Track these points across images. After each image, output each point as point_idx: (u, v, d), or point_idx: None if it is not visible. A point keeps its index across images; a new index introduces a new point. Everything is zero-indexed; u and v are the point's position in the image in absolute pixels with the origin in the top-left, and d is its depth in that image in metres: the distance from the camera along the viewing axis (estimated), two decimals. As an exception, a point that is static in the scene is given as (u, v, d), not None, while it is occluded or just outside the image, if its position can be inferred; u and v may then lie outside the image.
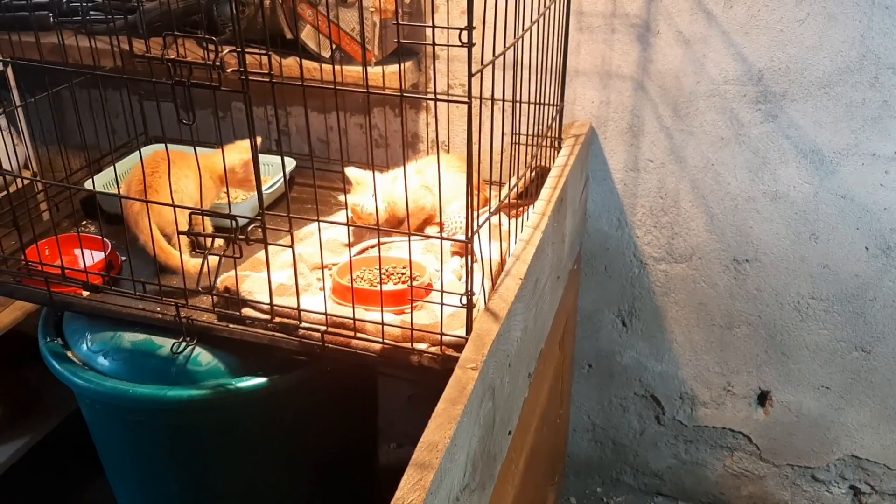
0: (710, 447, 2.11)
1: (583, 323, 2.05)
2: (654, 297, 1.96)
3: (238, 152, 1.50)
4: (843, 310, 1.84)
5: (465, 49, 1.00)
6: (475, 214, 1.17)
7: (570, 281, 1.77)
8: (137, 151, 1.76)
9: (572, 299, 1.90)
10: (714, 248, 1.86)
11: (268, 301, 1.31)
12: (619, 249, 1.93)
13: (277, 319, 1.32)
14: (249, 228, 1.53)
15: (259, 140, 1.53)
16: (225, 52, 1.14)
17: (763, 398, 2.01)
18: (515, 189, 1.50)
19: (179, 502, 1.64)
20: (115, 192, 1.56)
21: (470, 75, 1.03)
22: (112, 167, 1.67)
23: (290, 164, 1.80)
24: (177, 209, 1.31)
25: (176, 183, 1.43)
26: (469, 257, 1.17)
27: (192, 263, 1.41)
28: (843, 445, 2.00)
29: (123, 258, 1.50)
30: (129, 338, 1.43)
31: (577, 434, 2.22)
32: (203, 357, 1.40)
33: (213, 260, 1.43)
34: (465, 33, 0.98)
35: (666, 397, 2.08)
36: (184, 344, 1.39)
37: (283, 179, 1.55)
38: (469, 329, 1.16)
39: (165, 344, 1.40)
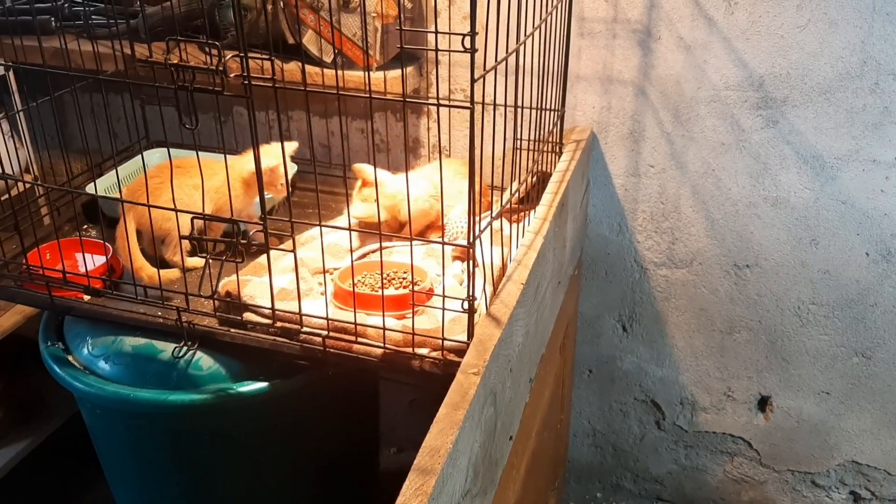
0: (710, 452, 2.11)
1: (583, 328, 2.05)
2: (654, 303, 1.96)
3: (265, 156, 1.49)
4: (844, 315, 1.84)
5: (467, 54, 1.00)
6: (476, 219, 1.17)
7: (571, 286, 1.77)
8: (139, 155, 1.78)
9: (573, 304, 1.90)
10: (715, 254, 1.86)
11: (269, 305, 1.31)
12: (619, 254, 1.93)
13: (279, 324, 1.32)
14: (252, 233, 1.53)
15: (295, 146, 1.53)
16: (228, 56, 1.14)
17: (763, 403, 2.01)
18: (517, 194, 1.50)
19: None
20: (117, 196, 1.56)
21: (472, 81, 1.04)
22: (114, 171, 1.67)
23: (292, 168, 1.80)
24: (176, 214, 1.31)
25: (176, 192, 1.43)
26: (470, 262, 1.17)
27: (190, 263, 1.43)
28: (844, 451, 2.00)
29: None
30: (131, 342, 1.43)
31: (578, 439, 2.22)
32: (204, 361, 1.40)
33: (197, 262, 1.44)
34: (467, 39, 0.99)
35: (666, 402, 2.08)
36: (185, 348, 1.39)
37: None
38: (471, 334, 1.16)
39: (167, 348, 1.40)
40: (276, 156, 1.43)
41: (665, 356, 2.02)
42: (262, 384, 1.41)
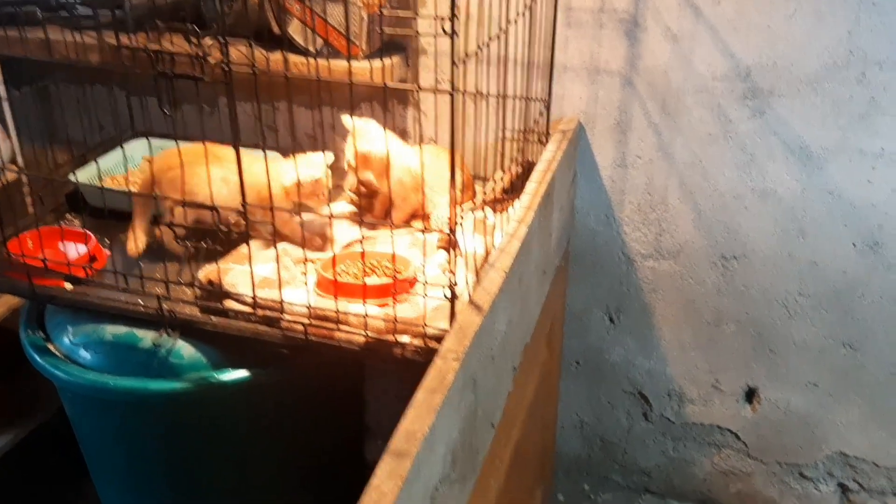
0: (697, 444, 2.11)
1: (571, 320, 2.04)
2: (642, 294, 1.95)
3: (308, 167, 1.46)
4: (831, 307, 1.84)
5: (454, 45, 0.99)
6: (459, 208, 1.16)
7: (558, 277, 1.77)
8: (120, 146, 1.76)
9: (560, 296, 1.89)
10: (702, 245, 1.85)
11: (251, 294, 1.30)
12: (606, 246, 1.92)
13: (260, 312, 1.32)
14: (233, 222, 1.52)
15: (332, 157, 1.52)
16: (209, 42, 1.14)
17: (751, 395, 2.01)
18: (501, 183, 1.49)
19: (164, 498, 1.63)
20: (99, 185, 1.55)
21: (453, 64, 1.03)
22: (94, 161, 1.66)
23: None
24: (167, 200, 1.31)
25: (193, 178, 1.41)
26: (454, 250, 1.17)
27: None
28: (831, 443, 1.99)
29: (108, 252, 1.49)
30: (111, 330, 1.42)
31: (566, 431, 2.21)
32: (185, 350, 1.39)
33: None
34: (447, 22, 0.98)
35: (654, 394, 2.07)
36: (166, 336, 1.38)
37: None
38: (452, 321, 1.15)
39: (147, 336, 1.39)
40: (319, 167, 1.43)
41: (653, 348, 2.01)
42: (244, 373, 1.40)
